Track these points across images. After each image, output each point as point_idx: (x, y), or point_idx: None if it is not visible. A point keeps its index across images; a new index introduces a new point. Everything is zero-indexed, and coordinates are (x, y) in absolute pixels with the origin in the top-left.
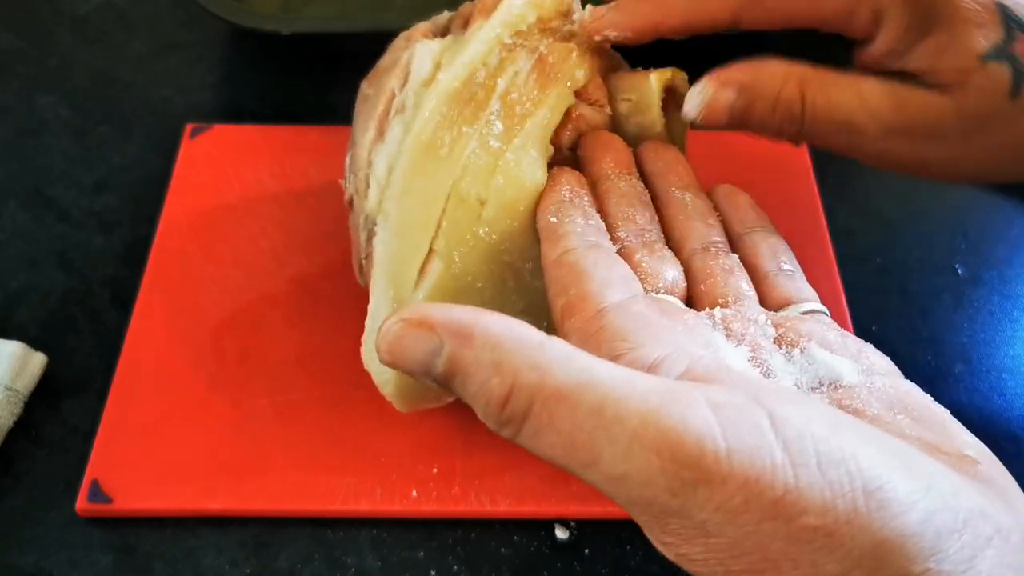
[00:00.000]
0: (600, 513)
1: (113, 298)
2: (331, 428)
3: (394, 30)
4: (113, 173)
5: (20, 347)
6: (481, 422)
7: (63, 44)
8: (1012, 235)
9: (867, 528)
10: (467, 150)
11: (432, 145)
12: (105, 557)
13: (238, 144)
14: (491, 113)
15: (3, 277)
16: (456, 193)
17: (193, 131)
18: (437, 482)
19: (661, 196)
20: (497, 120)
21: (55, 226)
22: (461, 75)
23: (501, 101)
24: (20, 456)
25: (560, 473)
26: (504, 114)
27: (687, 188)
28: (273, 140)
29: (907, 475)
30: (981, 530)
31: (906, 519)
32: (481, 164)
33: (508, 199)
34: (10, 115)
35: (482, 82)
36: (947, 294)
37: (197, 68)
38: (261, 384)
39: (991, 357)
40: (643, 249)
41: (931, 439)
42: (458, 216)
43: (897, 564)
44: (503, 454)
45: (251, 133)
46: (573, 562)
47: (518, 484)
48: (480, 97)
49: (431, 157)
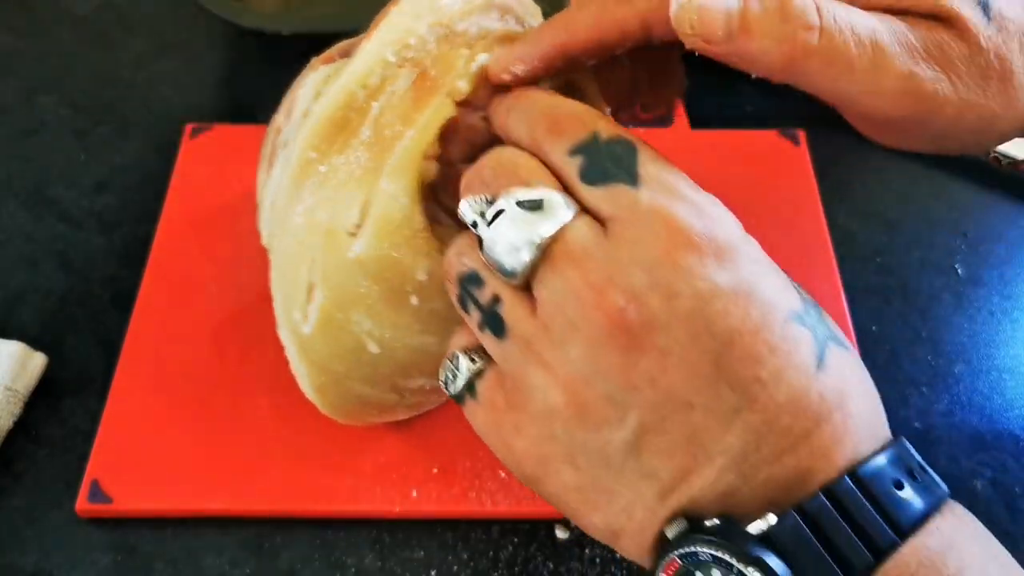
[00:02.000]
0: None
1: (113, 298)
2: (331, 428)
3: None
4: (113, 173)
5: (20, 347)
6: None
7: (63, 44)
8: (1012, 235)
9: None
10: (336, 180)
11: (302, 177)
12: (105, 557)
13: (238, 144)
14: (360, 141)
15: (3, 277)
16: (325, 227)
17: (193, 131)
18: (437, 482)
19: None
20: (362, 149)
21: (55, 226)
22: (338, 101)
23: (373, 126)
24: (20, 456)
25: None
26: (374, 140)
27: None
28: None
29: None
30: None
31: None
32: (349, 195)
33: (379, 229)
34: (10, 115)
35: (359, 107)
36: (947, 294)
37: (197, 68)
38: (261, 384)
39: (991, 357)
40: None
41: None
42: (329, 248)
43: None
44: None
45: (251, 133)
46: (573, 562)
47: (518, 484)
48: (354, 123)
49: (302, 190)
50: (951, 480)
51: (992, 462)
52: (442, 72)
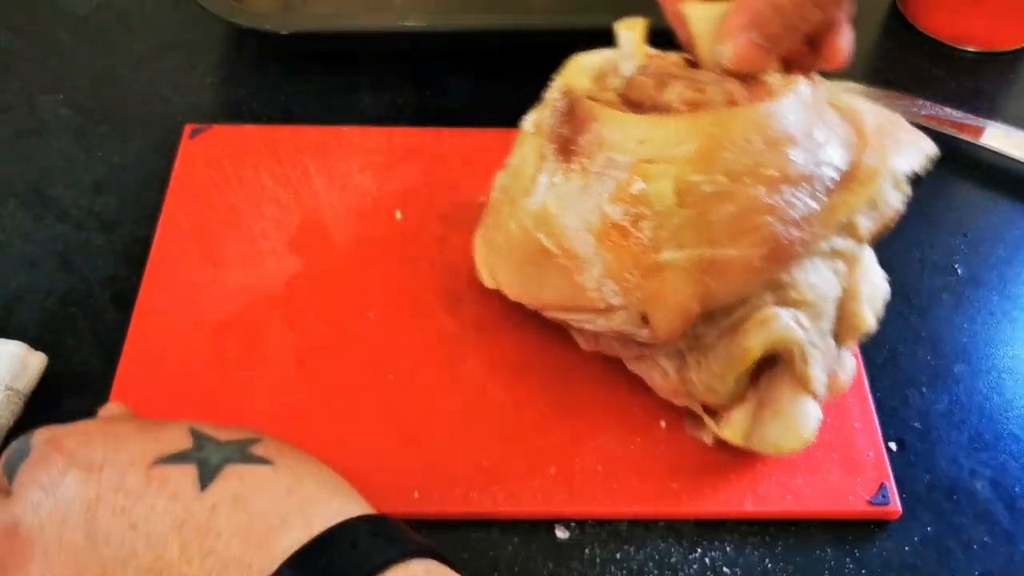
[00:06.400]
0: (600, 513)
1: (113, 298)
2: (332, 430)
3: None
4: (113, 173)
5: (20, 347)
6: (483, 422)
7: (63, 44)
8: (1012, 235)
9: None
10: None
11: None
12: None
13: (238, 144)
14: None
15: (3, 277)
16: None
17: (193, 131)
18: (438, 482)
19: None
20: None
21: (55, 226)
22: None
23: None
24: None
25: (561, 473)
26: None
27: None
28: (273, 140)
29: None
30: None
31: None
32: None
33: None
34: (10, 115)
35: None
36: (947, 294)
37: (197, 68)
38: (261, 385)
39: (991, 357)
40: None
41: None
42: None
43: None
44: (504, 454)
45: (251, 133)
46: (573, 562)
47: (518, 484)
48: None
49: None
50: (951, 480)
51: (992, 462)
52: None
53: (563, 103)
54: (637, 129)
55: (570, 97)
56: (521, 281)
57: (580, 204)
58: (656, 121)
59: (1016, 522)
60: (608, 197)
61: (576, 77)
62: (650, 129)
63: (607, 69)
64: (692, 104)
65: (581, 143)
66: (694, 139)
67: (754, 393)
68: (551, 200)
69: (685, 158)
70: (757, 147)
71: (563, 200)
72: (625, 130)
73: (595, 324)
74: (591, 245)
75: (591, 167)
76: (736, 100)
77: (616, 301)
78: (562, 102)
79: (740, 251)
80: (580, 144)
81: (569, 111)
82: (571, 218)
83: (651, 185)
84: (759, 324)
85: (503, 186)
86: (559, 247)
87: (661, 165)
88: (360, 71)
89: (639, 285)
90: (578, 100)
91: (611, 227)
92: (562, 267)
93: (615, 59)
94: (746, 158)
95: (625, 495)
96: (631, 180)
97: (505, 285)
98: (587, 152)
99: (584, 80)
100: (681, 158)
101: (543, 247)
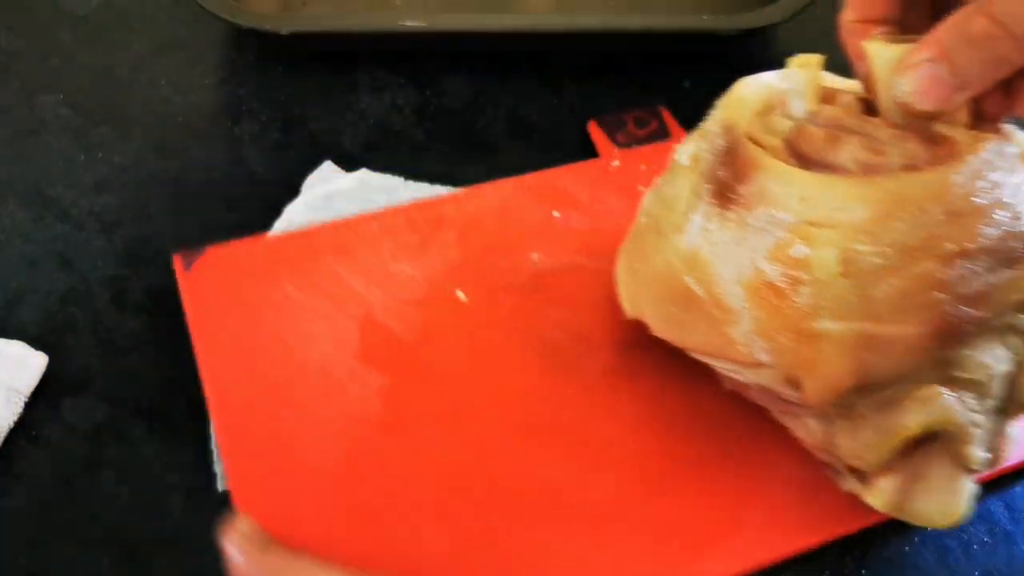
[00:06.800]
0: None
1: (113, 298)
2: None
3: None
4: (113, 173)
5: (20, 347)
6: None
7: (63, 44)
8: None
9: None
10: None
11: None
12: (105, 557)
13: (240, 264)
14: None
15: (3, 277)
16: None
17: (185, 262)
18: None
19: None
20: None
21: (55, 226)
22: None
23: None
24: (20, 456)
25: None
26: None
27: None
28: (279, 251)
29: None
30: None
31: None
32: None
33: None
34: (10, 115)
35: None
36: None
37: (197, 68)
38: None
39: None
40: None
41: None
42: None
43: None
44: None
45: (250, 248)
46: None
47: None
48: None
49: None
50: None
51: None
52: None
53: (724, 141)
54: (804, 187)
55: (731, 136)
56: (664, 319)
57: (734, 255)
58: (826, 181)
59: (1016, 522)
60: (765, 254)
61: (738, 110)
62: (819, 189)
63: (774, 102)
64: (867, 167)
65: (741, 192)
66: (865, 206)
67: (906, 464)
68: (703, 244)
69: (853, 225)
70: (935, 218)
71: (716, 248)
72: (790, 187)
73: (742, 375)
74: (741, 299)
75: (749, 219)
76: (916, 164)
77: (765, 359)
78: (722, 139)
79: (904, 329)
80: (740, 193)
81: (729, 153)
82: (724, 268)
83: (814, 251)
84: (919, 402)
85: (652, 213)
86: (709, 294)
87: (826, 230)
88: (360, 71)
89: (791, 349)
90: (740, 143)
91: (766, 285)
92: (709, 314)
93: (783, 93)
94: (920, 230)
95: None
96: (791, 241)
97: (649, 319)
98: (747, 203)
99: (746, 113)
100: (848, 225)
101: (690, 290)
